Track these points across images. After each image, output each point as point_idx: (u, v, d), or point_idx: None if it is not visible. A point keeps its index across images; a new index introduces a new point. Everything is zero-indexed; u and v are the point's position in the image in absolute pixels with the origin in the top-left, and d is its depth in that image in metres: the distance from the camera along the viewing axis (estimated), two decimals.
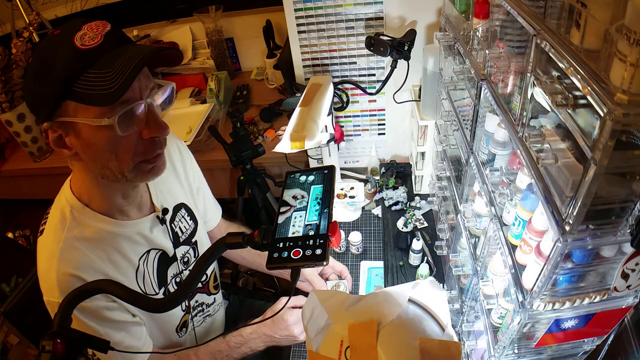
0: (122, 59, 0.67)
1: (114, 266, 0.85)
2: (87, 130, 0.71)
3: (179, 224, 1.02)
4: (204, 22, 2.04)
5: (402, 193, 1.48)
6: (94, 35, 0.68)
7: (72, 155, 0.76)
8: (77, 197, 0.83)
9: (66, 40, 0.67)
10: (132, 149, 0.75)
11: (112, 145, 0.73)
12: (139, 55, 0.68)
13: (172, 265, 0.99)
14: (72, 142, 0.74)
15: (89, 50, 0.67)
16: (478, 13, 0.82)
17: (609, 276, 0.61)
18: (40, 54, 0.69)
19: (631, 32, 0.40)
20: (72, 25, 0.69)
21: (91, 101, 0.67)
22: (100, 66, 0.67)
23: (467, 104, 0.95)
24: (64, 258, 0.79)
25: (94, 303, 0.80)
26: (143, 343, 0.91)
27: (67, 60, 0.67)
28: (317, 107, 1.17)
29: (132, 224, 0.89)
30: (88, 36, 0.68)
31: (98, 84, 0.66)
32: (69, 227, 0.81)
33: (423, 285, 0.68)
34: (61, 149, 0.75)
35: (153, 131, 0.75)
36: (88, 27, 0.69)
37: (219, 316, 1.24)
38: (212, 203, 1.22)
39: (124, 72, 0.66)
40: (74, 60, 0.67)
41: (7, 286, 1.95)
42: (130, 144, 0.75)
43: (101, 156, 0.75)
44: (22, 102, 1.79)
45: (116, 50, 0.69)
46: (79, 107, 0.69)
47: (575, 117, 0.50)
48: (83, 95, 0.67)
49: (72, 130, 0.72)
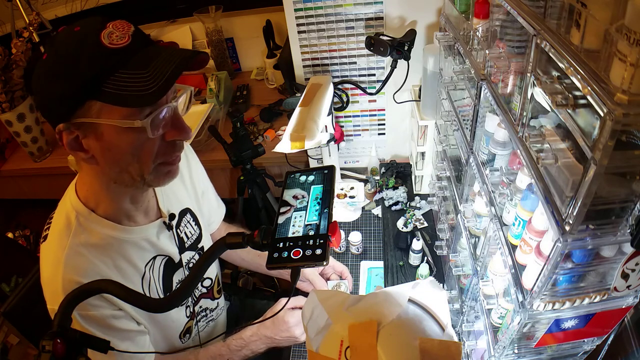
0: (158, 61, 0.66)
1: (119, 273, 0.83)
2: (111, 132, 0.69)
3: (184, 230, 1.01)
4: (204, 22, 2.04)
5: (402, 193, 1.48)
6: (121, 34, 0.66)
7: (88, 158, 0.73)
8: (83, 201, 0.81)
9: (91, 38, 0.64)
10: (154, 151, 0.74)
11: (136, 148, 0.71)
12: (176, 59, 0.67)
13: (177, 271, 0.98)
14: (90, 145, 0.71)
15: (119, 49, 0.65)
16: (478, 13, 0.82)
17: (609, 276, 0.61)
18: (58, 50, 0.65)
19: (631, 32, 0.40)
20: (93, 22, 0.67)
21: (125, 102, 0.65)
22: (134, 67, 0.65)
23: (467, 104, 0.95)
24: (70, 265, 0.77)
25: (100, 312, 0.79)
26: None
27: (95, 58, 0.64)
28: (317, 107, 1.17)
29: (138, 229, 0.87)
30: (115, 35, 0.65)
31: (134, 85, 0.64)
32: (74, 233, 0.79)
33: (423, 285, 0.68)
34: (76, 152, 0.72)
35: (177, 134, 0.75)
36: (113, 25, 0.66)
37: (222, 319, 1.24)
38: (216, 205, 1.21)
39: (163, 74, 0.65)
40: (104, 58, 0.64)
41: (7, 286, 1.95)
42: (153, 147, 0.73)
43: (122, 159, 0.72)
44: (22, 102, 1.78)
45: (145, 52, 0.68)
46: (105, 107, 0.66)
47: (575, 117, 0.50)
48: (114, 96, 0.65)
49: (93, 131, 0.69)
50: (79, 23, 0.67)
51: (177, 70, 0.66)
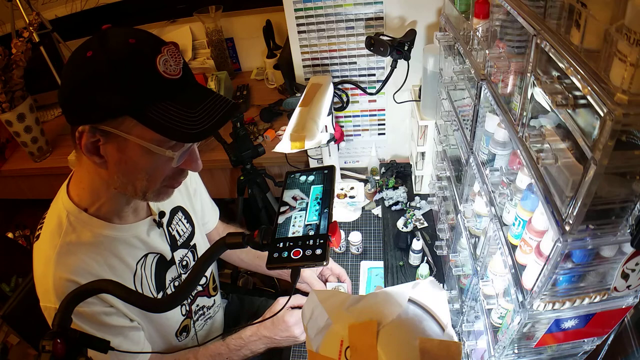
0: (206, 106, 0.71)
1: (111, 270, 0.84)
2: (135, 150, 0.71)
3: (176, 227, 1.01)
4: (204, 22, 2.04)
5: (402, 193, 1.48)
6: (175, 65, 0.69)
7: (100, 163, 0.73)
8: (74, 201, 0.82)
9: (148, 61, 0.66)
10: (166, 174, 0.78)
11: (153, 169, 0.75)
12: (222, 108, 0.72)
13: (170, 268, 0.98)
14: (108, 152, 0.72)
15: (172, 81, 0.68)
16: (478, 13, 0.82)
17: (609, 276, 0.61)
18: (110, 57, 0.65)
19: (631, 32, 0.40)
20: (149, 40, 0.69)
21: (166, 132, 0.68)
22: (182, 103, 0.69)
23: (467, 104, 0.95)
24: (61, 263, 0.78)
25: (91, 308, 0.80)
26: (141, 347, 0.91)
27: (149, 83, 0.67)
28: (317, 107, 1.17)
29: (128, 227, 0.88)
30: (170, 64, 0.68)
31: (179, 120, 0.68)
32: (65, 232, 0.80)
33: (423, 285, 0.68)
34: (91, 155, 0.72)
35: (191, 166, 0.79)
36: (167, 51, 0.69)
37: (219, 317, 1.24)
38: (210, 205, 1.21)
39: (208, 120, 0.70)
40: (157, 87, 0.67)
41: (7, 286, 1.95)
42: (166, 171, 0.77)
43: (134, 174, 0.75)
44: (22, 102, 1.78)
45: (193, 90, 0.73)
46: (138, 126, 0.68)
47: (575, 117, 0.50)
48: (156, 123, 0.67)
49: (116, 142, 0.70)
50: (133, 34, 0.68)
51: (222, 120, 0.71)
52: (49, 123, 2.16)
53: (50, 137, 1.99)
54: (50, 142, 1.98)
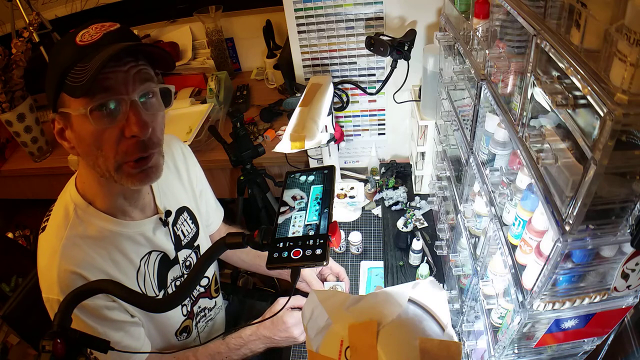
0: (102, 54, 0.68)
1: (115, 265, 0.85)
2: (77, 122, 0.73)
3: (181, 227, 1.02)
4: (204, 22, 2.04)
5: (402, 193, 1.48)
6: (95, 32, 0.72)
7: (70, 149, 0.78)
8: (81, 194, 0.84)
9: (71, 37, 0.72)
10: (114, 146, 0.74)
11: (95, 140, 0.73)
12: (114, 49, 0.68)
13: (172, 268, 0.98)
14: (69, 136, 0.77)
15: (84, 46, 0.70)
16: (478, 13, 0.82)
17: (609, 276, 0.61)
18: (52, 48, 0.76)
19: (631, 32, 0.40)
20: (84, 24, 0.74)
21: (71, 92, 0.70)
22: (85, 60, 0.69)
23: (467, 104, 0.95)
24: (66, 255, 0.79)
25: (94, 302, 0.80)
26: (141, 344, 0.91)
27: (65, 54, 0.71)
28: (317, 107, 1.17)
29: (134, 224, 0.88)
30: (89, 34, 0.71)
31: (79, 76, 0.69)
32: (72, 224, 0.81)
33: (423, 285, 0.68)
34: (62, 142, 0.78)
35: (132, 129, 0.73)
36: (94, 26, 0.73)
37: (220, 318, 1.24)
38: (215, 207, 1.21)
39: (95, 64, 0.66)
40: (70, 54, 0.70)
41: (7, 286, 1.95)
42: (112, 141, 0.73)
43: (89, 151, 0.76)
44: (22, 102, 1.78)
45: (107, 47, 0.70)
46: (70, 99, 0.72)
47: (575, 117, 0.50)
48: (69, 87, 0.70)
49: (69, 122, 0.75)
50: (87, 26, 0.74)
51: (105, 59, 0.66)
52: (49, 123, 2.15)
53: (50, 137, 1.99)
54: (50, 142, 1.98)
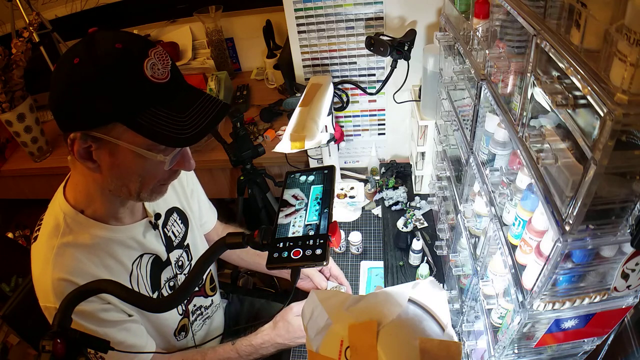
0: (196, 109, 0.71)
1: (107, 270, 0.85)
2: (127, 154, 0.71)
3: (171, 228, 1.02)
4: (204, 22, 2.04)
5: (402, 193, 1.48)
6: (163, 68, 0.69)
7: (94, 168, 0.74)
8: (71, 203, 0.83)
9: (135, 65, 0.66)
10: (159, 177, 0.79)
11: (145, 172, 0.76)
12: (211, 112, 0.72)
13: (165, 269, 0.99)
14: (100, 157, 0.72)
15: (160, 85, 0.68)
16: (478, 13, 0.82)
17: (609, 276, 0.61)
18: (97, 64, 0.64)
19: (631, 32, 0.40)
20: (136, 44, 0.68)
21: (157, 138, 0.69)
22: (172, 107, 0.69)
23: (467, 104, 0.95)
24: (58, 263, 0.79)
25: (89, 306, 0.80)
26: (145, 341, 0.91)
27: (137, 90, 0.66)
28: (317, 107, 1.17)
29: (124, 229, 0.88)
30: (157, 68, 0.68)
31: (169, 125, 0.68)
32: (62, 233, 0.81)
33: (423, 285, 0.68)
34: (84, 161, 0.72)
35: (184, 166, 0.80)
36: (155, 54, 0.68)
37: (217, 317, 1.24)
38: (207, 206, 1.21)
39: (198, 123, 0.70)
40: (145, 92, 0.67)
41: (7, 286, 1.95)
42: (159, 173, 0.78)
43: (127, 177, 0.76)
44: (22, 102, 1.78)
45: (183, 95, 0.72)
46: (129, 132, 0.68)
47: (575, 117, 0.50)
48: (144, 128, 0.67)
49: (108, 147, 0.71)
50: (120, 38, 0.67)
51: (212, 123, 0.71)
52: (49, 123, 2.15)
53: (50, 137, 1.99)
54: (50, 142, 1.98)
